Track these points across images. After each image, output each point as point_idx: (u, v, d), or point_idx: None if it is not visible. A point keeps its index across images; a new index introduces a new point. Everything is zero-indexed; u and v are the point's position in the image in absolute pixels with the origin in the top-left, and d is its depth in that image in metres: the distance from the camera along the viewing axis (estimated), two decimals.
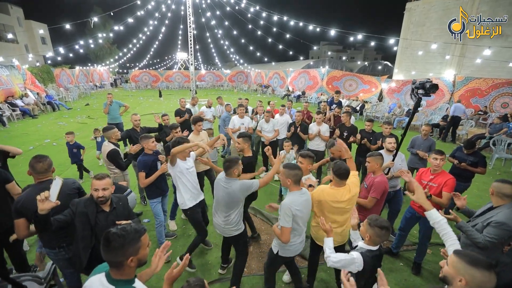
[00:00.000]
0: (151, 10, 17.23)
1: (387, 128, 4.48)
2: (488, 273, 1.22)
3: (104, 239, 1.26)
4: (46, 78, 18.30)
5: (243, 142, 3.29)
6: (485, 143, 7.82)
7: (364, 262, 1.87)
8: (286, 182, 2.28)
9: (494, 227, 2.08)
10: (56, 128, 10.19)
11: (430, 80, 2.59)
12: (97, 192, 2.05)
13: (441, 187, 2.91)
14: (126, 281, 1.30)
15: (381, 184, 2.79)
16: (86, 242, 2.02)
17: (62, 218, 2.00)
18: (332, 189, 2.45)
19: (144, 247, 1.33)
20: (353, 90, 18.42)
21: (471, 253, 1.35)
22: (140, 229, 1.34)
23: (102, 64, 31.10)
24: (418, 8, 15.39)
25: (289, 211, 2.17)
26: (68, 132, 5.51)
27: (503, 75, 11.26)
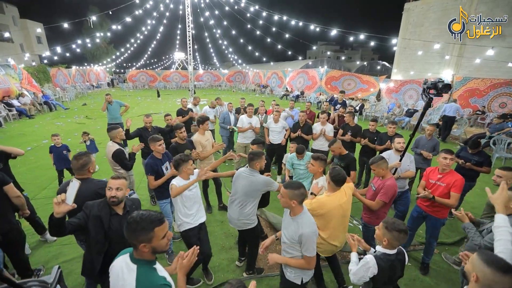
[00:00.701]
0: (149, 10, 17.12)
1: (391, 127, 4.48)
2: (502, 274, 1.21)
3: (127, 221, 1.36)
4: (42, 78, 18.07)
5: (257, 148, 3.34)
6: (485, 142, 7.85)
7: (378, 266, 1.83)
8: (290, 204, 1.94)
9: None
10: (54, 128, 10.05)
11: (442, 80, 2.56)
12: (110, 191, 2.00)
13: (450, 187, 2.87)
14: (146, 261, 1.38)
15: (391, 187, 2.73)
16: (99, 246, 1.97)
17: (76, 222, 1.94)
18: (329, 196, 2.45)
19: (158, 238, 1.34)
20: (351, 89, 18.52)
21: (492, 254, 1.35)
22: (155, 220, 1.34)
23: (99, 63, 30.80)
24: (416, 9, 15.47)
25: (315, 237, 1.94)
26: (53, 134, 4.98)
27: (501, 75, 11.36)
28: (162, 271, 1.44)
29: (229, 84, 31.45)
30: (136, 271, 1.34)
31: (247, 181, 2.68)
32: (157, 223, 1.34)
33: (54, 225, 1.73)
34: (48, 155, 5.03)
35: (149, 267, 1.39)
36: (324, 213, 2.40)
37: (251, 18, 16.38)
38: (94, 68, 28.64)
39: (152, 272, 1.38)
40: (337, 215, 2.45)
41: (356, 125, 5.06)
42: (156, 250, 1.38)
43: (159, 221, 1.35)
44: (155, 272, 1.39)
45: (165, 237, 1.39)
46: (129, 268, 1.36)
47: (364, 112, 12.97)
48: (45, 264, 3.21)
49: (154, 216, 1.36)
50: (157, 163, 3.09)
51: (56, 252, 3.42)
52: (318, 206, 2.41)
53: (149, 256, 1.38)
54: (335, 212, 2.43)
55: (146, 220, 1.32)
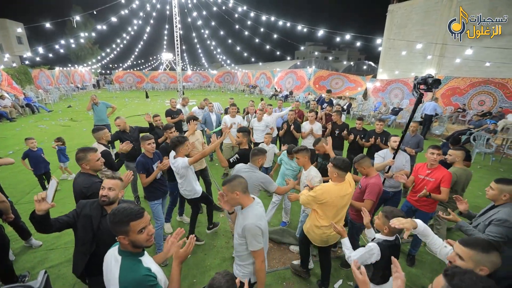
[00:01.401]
0: (135, 10, 16.82)
1: (379, 124, 4.60)
2: (498, 253, 1.31)
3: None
4: (23, 80, 17.44)
5: (242, 136, 3.51)
6: (466, 138, 8.19)
7: (381, 251, 1.94)
8: (235, 197, 1.87)
9: (496, 225, 2.08)
10: (37, 131, 9.72)
11: (431, 75, 2.62)
12: (102, 190, 1.98)
13: (439, 182, 2.97)
14: (131, 253, 1.41)
15: (376, 185, 2.78)
16: (86, 247, 1.93)
17: (64, 219, 1.91)
18: (337, 185, 2.48)
19: (134, 232, 1.35)
20: (339, 87, 18.87)
21: (476, 239, 1.41)
22: (131, 214, 1.35)
23: (84, 64, 29.99)
24: (400, 10, 15.92)
25: (258, 230, 1.83)
26: (28, 138, 4.77)
27: (479, 74, 11.86)
28: (149, 262, 1.46)
29: (218, 84, 31.33)
30: (120, 262, 1.38)
31: (246, 175, 2.58)
32: (133, 217, 1.35)
33: (36, 222, 1.72)
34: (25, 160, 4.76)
35: (133, 258, 1.41)
36: (327, 201, 2.43)
37: (239, 18, 16.42)
38: (78, 69, 27.87)
39: (136, 263, 1.40)
40: (339, 205, 2.50)
41: (343, 123, 5.17)
42: (136, 244, 1.39)
43: (136, 216, 1.36)
44: (140, 264, 1.41)
45: (144, 232, 1.39)
46: (116, 259, 1.41)
47: (352, 111, 13.24)
48: (31, 270, 3.12)
49: (131, 210, 1.36)
50: (148, 162, 3.08)
51: (42, 258, 3.33)
52: (323, 193, 2.45)
53: (131, 248, 1.40)
54: (338, 202, 2.47)
55: (122, 213, 1.35)
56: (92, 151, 2.49)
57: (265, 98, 20.47)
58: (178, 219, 4.20)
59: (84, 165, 2.45)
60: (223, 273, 1.36)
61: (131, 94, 24.28)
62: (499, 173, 6.54)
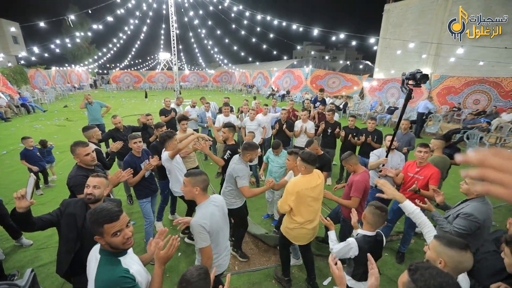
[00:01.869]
0: (132, 9, 16.77)
1: (370, 123, 4.62)
2: (464, 252, 1.32)
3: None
4: (19, 80, 17.35)
5: (228, 132, 3.56)
6: (459, 137, 8.25)
7: (359, 247, 1.96)
8: (193, 192, 1.93)
9: (462, 218, 2.20)
10: (32, 131, 9.67)
11: (420, 70, 2.61)
12: (87, 188, 1.98)
13: (427, 179, 3.02)
14: (110, 253, 1.38)
15: (361, 182, 2.82)
16: (70, 245, 1.93)
17: (48, 218, 1.91)
18: (305, 177, 2.52)
19: (108, 234, 1.33)
20: (336, 86, 18.90)
21: (449, 236, 1.45)
22: (106, 216, 1.32)
23: (81, 64, 29.86)
24: (396, 10, 15.98)
25: (201, 228, 1.85)
26: (25, 137, 4.81)
27: (474, 73, 11.93)
28: (129, 263, 1.43)
29: (216, 84, 31.30)
30: (98, 262, 1.36)
31: (230, 167, 2.93)
32: (107, 220, 1.32)
33: (17, 220, 1.72)
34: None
35: (111, 258, 1.38)
36: (298, 191, 2.44)
37: (237, 18, 16.40)
38: (75, 69, 27.73)
39: (113, 263, 1.37)
40: (309, 197, 2.49)
41: (335, 121, 5.19)
42: (112, 246, 1.35)
43: (110, 218, 1.32)
44: (118, 265, 1.37)
45: (119, 235, 1.35)
46: (96, 258, 1.39)
47: (348, 110, 13.27)
48: (20, 269, 3.12)
49: (107, 212, 1.33)
50: (135, 161, 3.08)
51: (32, 257, 3.33)
52: (294, 186, 2.47)
53: (110, 248, 1.38)
54: (307, 193, 2.47)
55: (98, 214, 1.33)
56: (81, 146, 2.54)
57: (262, 98, 20.51)
58: (170, 218, 4.21)
59: (75, 158, 2.55)
60: (198, 266, 1.37)
61: (128, 94, 24.21)
62: None
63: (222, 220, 2.06)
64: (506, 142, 7.85)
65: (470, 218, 2.14)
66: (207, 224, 1.86)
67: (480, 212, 2.14)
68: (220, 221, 2.01)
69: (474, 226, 2.14)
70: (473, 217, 2.14)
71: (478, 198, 2.24)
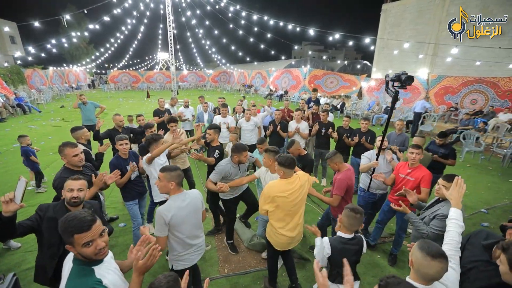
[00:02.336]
0: (129, 9, 16.71)
1: (363, 123, 4.57)
2: (433, 261, 1.29)
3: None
4: (16, 80, 17.27)
5: (214, 133, 3.61)
6: (456, 137, 8.23)
7: (331, 247, 1.94)
8: (168, 186, 2.03)
9: (439, 220, 2.19)
10: (27, 131, 9.60)
11: (405, 72, 2.58)
12: (71, 192, 1.92)
13: (419, 181, 2.97)
14: (83, 262, 1.31)
15: (343, 180, 2.79)
16: (53, 250, 1.88)
17: (27, 223, 1.85)
18: (282, 181, 2.36)
19: (79, 245, 1.25)
20: (334, 87, 18.88)
21: (429, 242, 1.40)
22: (76, 226, 1.24)
23: (78, 64, 29.78)
24: (393, 9, 15.96)
25: (160, 218, 1.98)
26: (21, 135, 4.85)
27: (471, 73, 11.92)
28: (103, 273, 1.34)
29: (214, 84, 31.27)
30: (70, 270, 1.30)
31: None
32: (77, 230, 1.24)
33: (3, 224, 1.65)
34: (16, 160, 4.92)
35: (84, 268, 1.31)
36: (273, 196, 2.31)
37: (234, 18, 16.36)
38: (73, 69, 27.66)
39: (86, 274, 1.30)
40: (286, 201, 2.33)
41: (329, 122, 5.15)
42: (84, 255, 1.28)
43: (81, 228, 1.24)
44: (90, 275, 1.30)
45: (91, 245, 1.27)
46: (69, 267, 1.33)
47: (345, 110, 13.24)
48: (7, 272, 3.03)
49: (79, 221, 1.26)
50: (120, 163, 3.03)
51: (19, 260, 3.28)
52: (266, 189, 2.36)
53: (79, 257, 1.31)
54: (284, 199, 2.32)
55: (68, 223, 1.25)
56: (69, 146, 2.49)
57: (260, 98, 20.47)
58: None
59: (63, 159, 2.51)
60: (167, 274, 1.32)
61: (126, 94, 24.15)
62: (487, 171, 6.56)
63: (189, 215, 2.10)
64: (502, 142, 7.82)
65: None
66: (167, 216, 1.97)
67: None
68: (185, 216, 2.07)
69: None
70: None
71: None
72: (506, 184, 5.80)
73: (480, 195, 5.25)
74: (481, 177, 6.17)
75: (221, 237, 3.80)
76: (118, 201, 4.68)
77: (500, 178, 6.14)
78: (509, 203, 4.94)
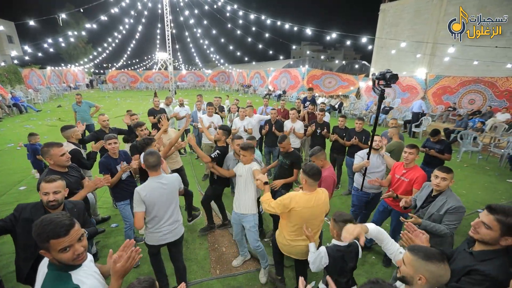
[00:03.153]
0: (127, 8, 16.66)
1: (358, 123, 4.54)
2: (443, 264, 1.21)
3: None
4: (13, 79, 17.21)
5: (222, 134, 3.56)
6: (453, 137, 8.20)
7: (329, 255, 1.90)
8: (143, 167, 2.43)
9: (453, 213, 2.19)
10: (22, 131, 9.55)
11: (390, 70, 2.60)
12: (47, 196, 1.85)
13: (412, 183, 2.92)
14: (58, 267, 1.24)
15: (329, 177, 2.87)
16: (29, 252, 1.84)
17: (1, 224, 1.81)
18: (306, 195, 2.24)
19: (55, 250, 1.18)
20: (332, 87, 18.87)
21: (423, 247, 1.32)
22: (52, 231, 1.16)
23: (76, 64, 29.70)
24: (391, 9, 15.94)
25: (137, 194, 2.25)
26: (31, 133, 5.15)
27: (470, 73, 11.90)
28: (82, 278, 1.27)
29: (213, 84, 31.23)
30: (44, 276, 1.23)
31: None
32: (53, 235, 1.16)
33: None
34: (11, 160, 4.91)
35: (60, 274, 1.24)
36: (292, 207, 2.21)
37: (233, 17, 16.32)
38: (71, 68, 27.57)
39: (62, 279, 1.23)
40: (306, 216, 2.25)
41: (324, 122, 5.12)
42: (62, 261, 1.21)
43: (57, 234, 1.17)
44: (67, 281, 1.23)
45: (69, 251, 1.20)
46: (44, 272, 1.26)
47: (343, 110, 13.21)
48: None
49: (54, 226, 1.17)
50: (110, 162, 2.98)
51: (8, 261, 3.23)
52: (287, 199, 2.22)
53: (56, 262, 1.23)
54: (305, 213, 2.23)
55: (43, 228, 1.17)
56: (55, 146, 2.45)
57: (258, 98, 20.42)
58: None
59: (48, 159, 2.46)
60: (142, 279, 1.26)
61: (125, 94, 24.07)
62: (485, 171, 6.53)
63: (163, 196, 2.34)
64: (500, 142, 7.80)
65: (460, 210, 2.18)
66: (142, 194, 2.24)
67: (460, 201, 2.23)
68: (159, 197, 2.31)
69: (462, 217, 2.20)
70: (462, 208, 2.18)
71: (448, 190, 2.31)
72: (503, 184, 5.77)
73: (476, 195, 5.21)
74: (478, 177, 6.14)
75: (213, 238, 3.77)
76: (111, 201, 4.63)
77: (497, 178, 6.12)
78: (506, 203, 4.91)
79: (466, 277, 1.47)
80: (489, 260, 1.45)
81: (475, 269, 1.45)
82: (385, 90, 2.65)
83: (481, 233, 1.48)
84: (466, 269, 1.50)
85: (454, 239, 2.42)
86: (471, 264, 1.49)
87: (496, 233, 1.42)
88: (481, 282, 1.40)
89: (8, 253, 3.38)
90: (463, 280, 1.48)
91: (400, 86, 14.11)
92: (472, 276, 1.45)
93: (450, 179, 2.27)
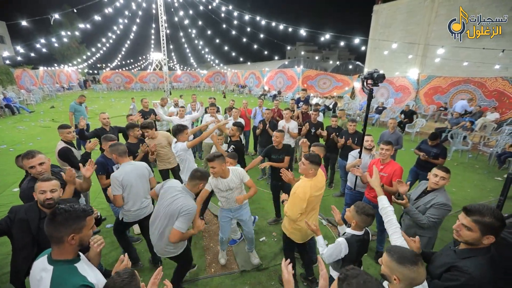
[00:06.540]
0: (121, 8, 16.55)
1: (351, 125, 4.58)
2: (416, 267, 1.26)
3: (51, 213, 1.32)
4: (4, 80, 16.98)
5: (236, 130, 4.09)
6: (444, 136, 8.37)
7: (349, 246, 1.99)
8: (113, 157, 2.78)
9: (436, 208, 2.34)
10: (15, 132, 9.45)
11: (377, 70, 2.70)
12: (44, 194, 1.88)
13: (391, 177, 3.07)
14: (66, 261, 1.32)
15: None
16: (26, 252, 1.86)
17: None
18: (312, 181, 2.43)
19: (88, 228, 1.39)
20: (327, 87, 19.05)
21: (399, 249, 1.37)
22: (88, 210, 1.40)
23: (70, 64, 29.36)
24: (384, 11, 16.16)
25: (114, 179, 2.58)
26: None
27: (460, 74, 12.14)
28: (86, 269, 1.36)
29: (208, 84, 31.19)
30: (52, 273, 1.27)
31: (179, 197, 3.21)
32: (89, 212, 1.39)
33: None
34: (3, 161, 4.88)
35: (67, 266, 1.31)
36: (308, 198, 2.36)
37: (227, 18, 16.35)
38: (64, 69, 27.26)
39: (70, 271, 1.30)
40: (315, 200, 2.49)
41: (318, 121, 5.20)
42: (83, 243, 1.38)
43: (90, 211, 1.41)
44: (75, 272, 1.30)
45: (92, 227, 1.45)
46: (46, 270, 1.29)
47: (337, 110, 13.33)
48: None
49: (84, 206, 1.41)
50: (107, 163, 3.01)
51: (4, 262, 3.23)
52: (301, 192, 2.37)
53: (71, 252, 1.34)
54: (314, 197, 2.44)
55: (78, 209, 1.36)
56: (25, 158, 2.24)
57: (254, 98, 20.47)
58: None
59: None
60: (121, 272, 1.30)
61: (119, 94, 23.89)
62: (474, 169, 6.70)
63: (136, 178, 2.70)
64: (489, 141, 7.99)
65: (445, 207, 2.31)
66: (120, 177, 2.57)
67: (449, 200, 2.37)
68: (133, 178, 2.67)
69: (445, 214, 2.34)
70: (447, 206, 2.31)
71: (442, 188, 2.43)
72: (491, 182, 5.93)
73: (466, 193, 5.36)
74: (467, 175, 6.30)
75: (208, 238, 3.81)
76: (106, 202, 4.63)
77: (486, 176, 6.28)
78: (493, 199, 5.05)
79: (447, 273, 1.55)
80: (470, 258, 1.51)
81: (455, 265, 1.52)
82: (373, 89, 2.74)
83: (463, 235, 1.53)
84: (447, 265, 1.58)
85: (438, 232, 2.58)
86: (452, 261, 1.56)
87: (477, 233, 1.47)
88: (458, 278, 1.46)
89: (2, 254, 3.38)
90: (444, 277, 1.55)
91: (394, 86, 14.32)
92: (451, 272, 1.52)
93: (448, 179, 2.41)
